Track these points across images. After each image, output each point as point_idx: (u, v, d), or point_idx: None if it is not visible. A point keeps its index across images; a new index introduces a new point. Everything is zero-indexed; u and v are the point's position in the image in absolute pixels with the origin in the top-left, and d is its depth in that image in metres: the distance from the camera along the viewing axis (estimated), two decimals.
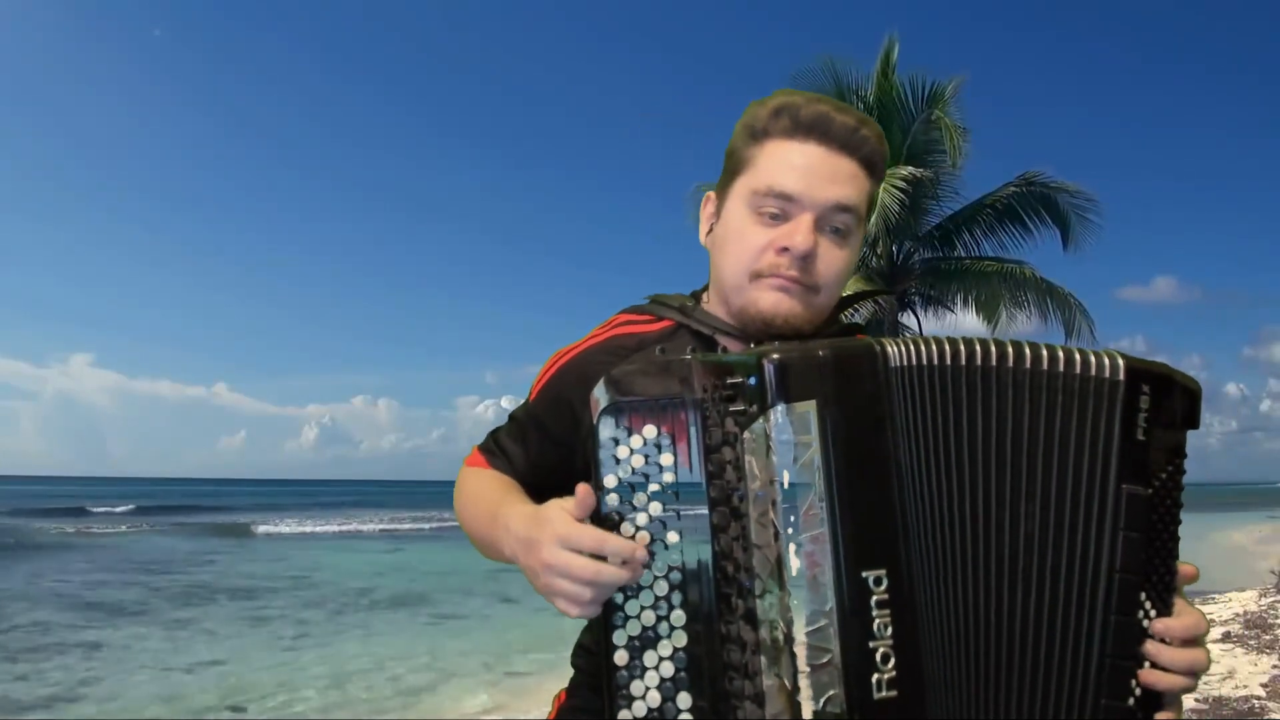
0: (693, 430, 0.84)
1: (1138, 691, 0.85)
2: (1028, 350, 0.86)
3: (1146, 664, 0.86)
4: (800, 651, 0.79)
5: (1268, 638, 6.60)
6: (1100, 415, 0.85)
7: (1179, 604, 0.89)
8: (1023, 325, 12.27)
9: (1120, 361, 0.86)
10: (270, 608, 12.56)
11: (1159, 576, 0.87)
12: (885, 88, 12.01)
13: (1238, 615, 7.66)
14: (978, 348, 0.85)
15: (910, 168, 11.45)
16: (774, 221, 1.03)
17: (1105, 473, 0.85)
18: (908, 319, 12.77)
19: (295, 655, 9.31)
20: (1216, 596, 9.59)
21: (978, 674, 0.83)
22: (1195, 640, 0.88)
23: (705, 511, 0.83)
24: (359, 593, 14.36)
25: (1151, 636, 0.87)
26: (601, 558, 0.82)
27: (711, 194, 1.13)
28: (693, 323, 1.11)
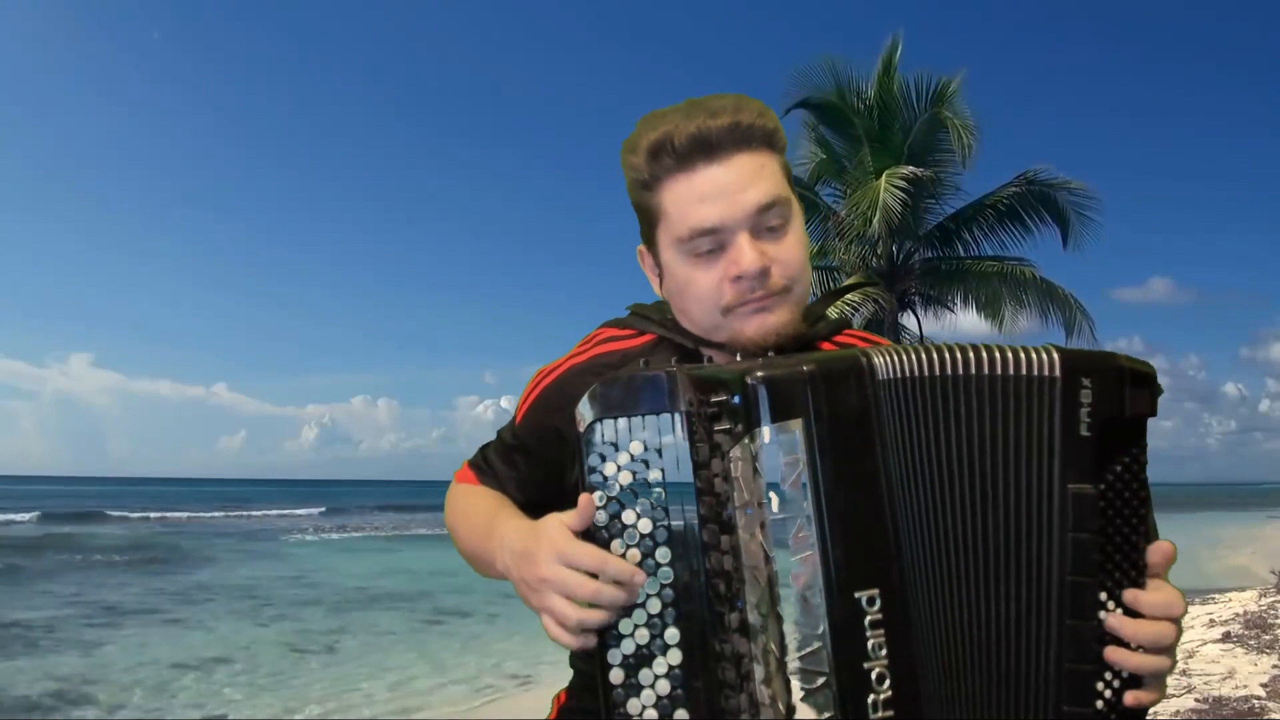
0: (680, 445, 0.82)
1: (1107, 694, 0.83)
2: (985, 354, 0.84)
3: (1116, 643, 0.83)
4: (794, 675, 0.77)
5: (1268, 638, 6.59)
6: (1042, 415, 0.83)
7: (1155, 584, 0.86)
8: (1024, 325, 12.28)
9: (1055, 356, 0.83)
10: (270, 607, 12.56)
11: (1122, 573, 0.84)
12: (886, 86, 12.00)
13: (1238, 615, 7.64)
14: (951, 355, 0.84)
15: (911, 167, 11.45)
16: (712, 257, 0.99)
17: (1050, 474, 0.83)
18: (907, 319, 12.78)
19: (295, 655, 9.31)
20: (1216, 596, 9.58)
21: (968, 690, 0.82)
22: (1168, 618, 0.84)
23: (695, 528, 0.82)
24: (359, 592, 14.36)
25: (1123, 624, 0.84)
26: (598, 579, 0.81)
27: (642, 248, 1.09)
28: (676, 336, 1.08)
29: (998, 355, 0.84)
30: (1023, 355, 0.84)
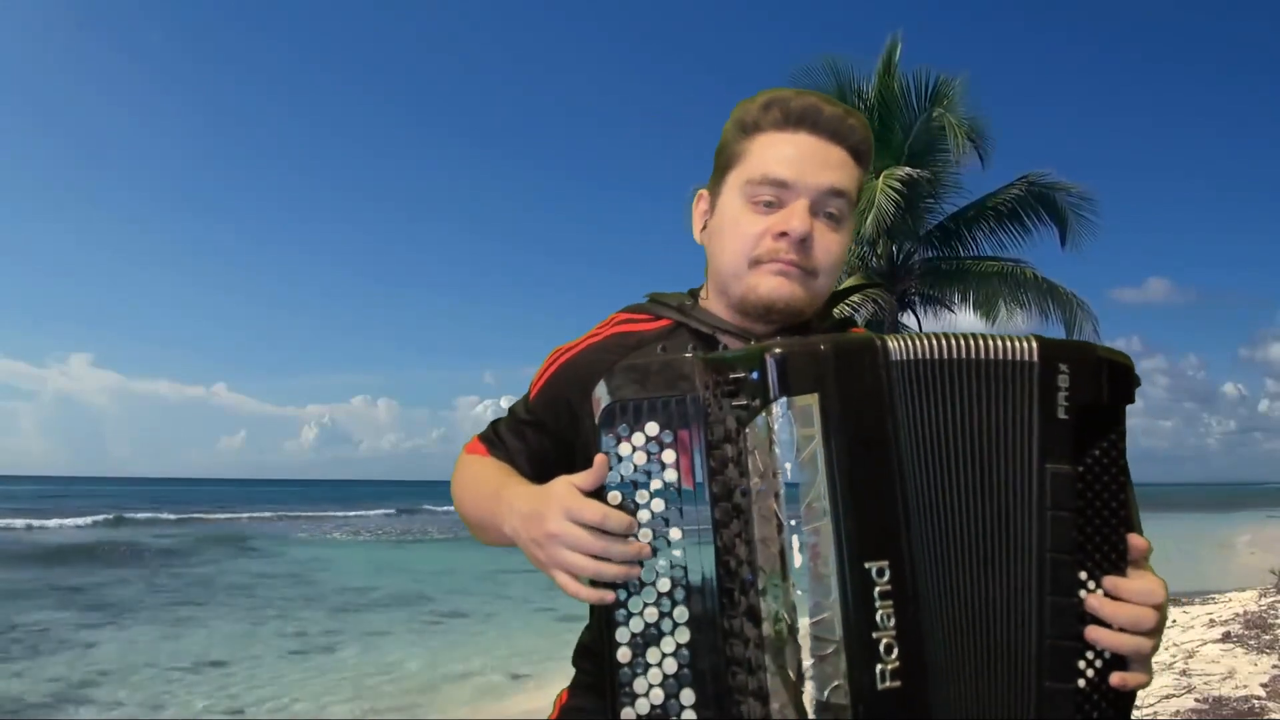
0: (694, 427, 0.84)
1: (1089, 673, 0.85)
2: (975, 341, 0.87)
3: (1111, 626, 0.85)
4: (804, 643, 0.79)
5: (1268, 638, 6.58)
6: (1022, 398, 0.86)
7: (1136, 574, 0.88)
8: (1022, 325, 12.28)
9: (1033, 344, 0.87)
10: (270, 607, 12.56)
11: (1102, 555, 0.86)
12: (887, 85, 11.98)
13: (1238, 615, 7.63)
14: (950, 341, 0.87)
15: (908, 168, 11.44)
16: (769, 209, 1.05)
17: (1030, 454, 0.85)
18: (908, 319, 12.77)
19: (295, 655, 9.31)
20: (1216, 596, 9.58)
21: (973, 663, 0.84)
22: (1148, 604, 0.86)
23: (708, 508, 0.84)
24: (359, 592, 14.35)
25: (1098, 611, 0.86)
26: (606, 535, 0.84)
27: (704, 191, 1.15)
28: (692, 321, 1.11)
29: (984, 342, 0.87)
30: (1005, 343, 0.87)
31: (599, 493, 0.86)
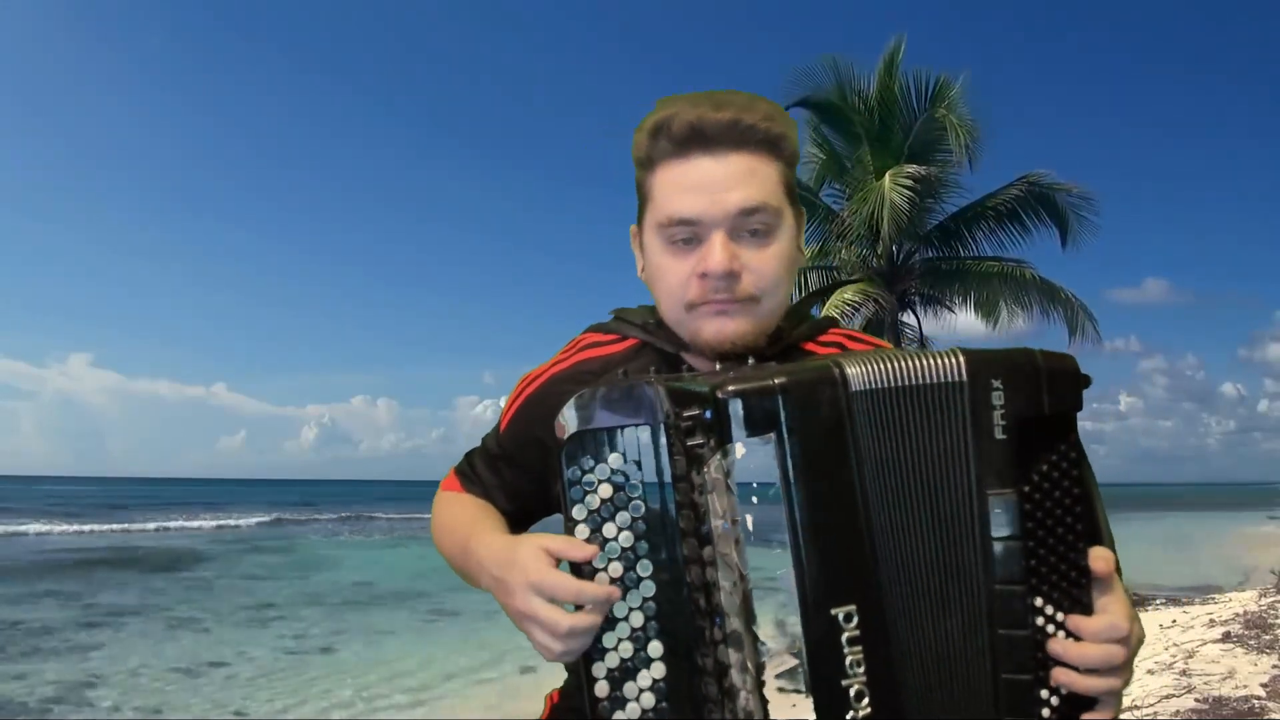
0: (659, 458, 0.81)
1: (1054, 701, 0.81)
2: (911, 362, 0.81)
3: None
4: (771, 693, 0.77)
5: (1268, 638, 6.58)
6: (956, 421, 0.81)
7: (1106, 599, 0.83)
8: (1023, 325, 12.27)
9: (960, 360, 0.81)
10: (271, 606, 12.56)
11: (1060, 575, 0.81)
12: (887, 85, 11.98)
13: (1238, 615, 7.64)
14: (900, 365, 0.81)
15: (915, 165, 11.44)
16: (688, 248, 0.97)
17: (968, 482, 0.80)
18: (908, 319, 12.77)
19: (296, 654, 9.31)
20: (1216, 596, 9.59)
21: (940, 701, 0.81)
22: (1113, 640, 0.81)
23: (675, 541, 0.81)
24: (359, 590, 14.36)
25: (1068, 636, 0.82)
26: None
27: (634, 228, 1.08)
28: (657, 341, 1.07)
29: (918, 363, 0.81)
30: (935, 361, 0.81)
31: (569, 529, 0.84)
